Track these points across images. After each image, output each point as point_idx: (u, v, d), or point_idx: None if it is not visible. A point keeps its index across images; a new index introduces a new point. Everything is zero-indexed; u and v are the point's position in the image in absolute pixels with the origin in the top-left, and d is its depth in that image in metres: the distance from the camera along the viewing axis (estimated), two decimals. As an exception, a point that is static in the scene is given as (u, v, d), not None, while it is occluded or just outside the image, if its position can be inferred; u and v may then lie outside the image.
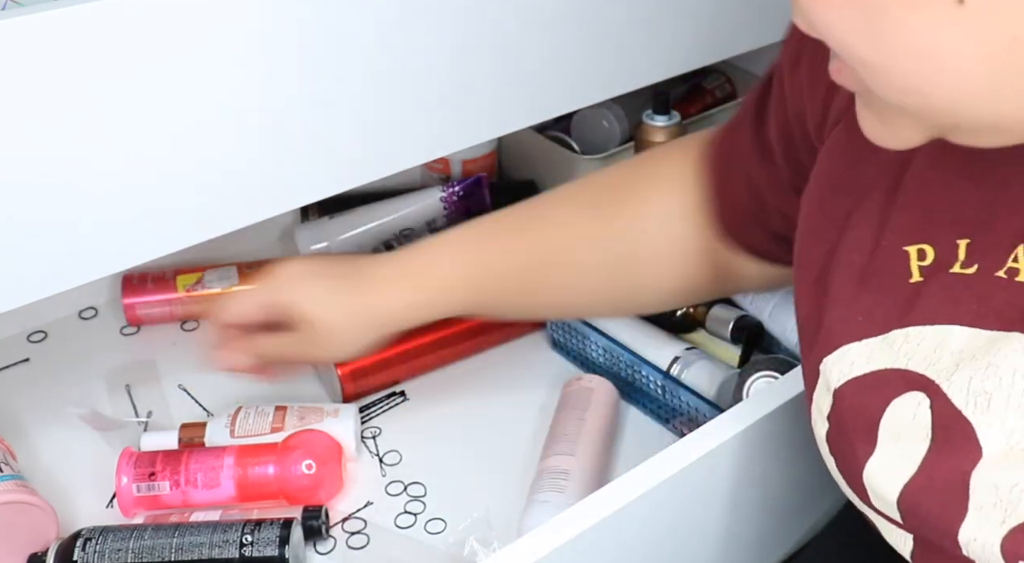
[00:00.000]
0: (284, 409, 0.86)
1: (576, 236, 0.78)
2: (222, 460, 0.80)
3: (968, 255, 0.51)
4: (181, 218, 0.75)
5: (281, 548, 0.74)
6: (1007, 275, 0.49)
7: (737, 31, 1.02)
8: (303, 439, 0.82)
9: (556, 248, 0.78)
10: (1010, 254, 0.49)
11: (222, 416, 0.86)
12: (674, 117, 1.03)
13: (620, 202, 0.78)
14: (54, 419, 0.90)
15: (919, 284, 0.52)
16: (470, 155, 1.14)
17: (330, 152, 0.79)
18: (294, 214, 1.11)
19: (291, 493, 0.80)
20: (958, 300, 0.50)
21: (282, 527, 0.75)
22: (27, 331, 1.00)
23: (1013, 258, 0.49)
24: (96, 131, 0.67)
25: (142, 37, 0.66)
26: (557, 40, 0.87)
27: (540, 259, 0.78)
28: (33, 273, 0.70)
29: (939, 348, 0.50)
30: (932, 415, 0.50)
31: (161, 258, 0.75)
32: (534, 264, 0.78)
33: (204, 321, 1.01)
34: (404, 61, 0.79)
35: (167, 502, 0.79)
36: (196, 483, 0.79)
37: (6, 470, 0.76)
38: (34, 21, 0.62)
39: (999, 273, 0.49)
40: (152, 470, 0.79)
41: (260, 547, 0.74)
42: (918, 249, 0.53)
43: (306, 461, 0.80)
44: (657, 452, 0.66)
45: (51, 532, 0.76)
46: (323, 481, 0.81)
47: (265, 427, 0.84)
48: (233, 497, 0.80)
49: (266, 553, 0.74)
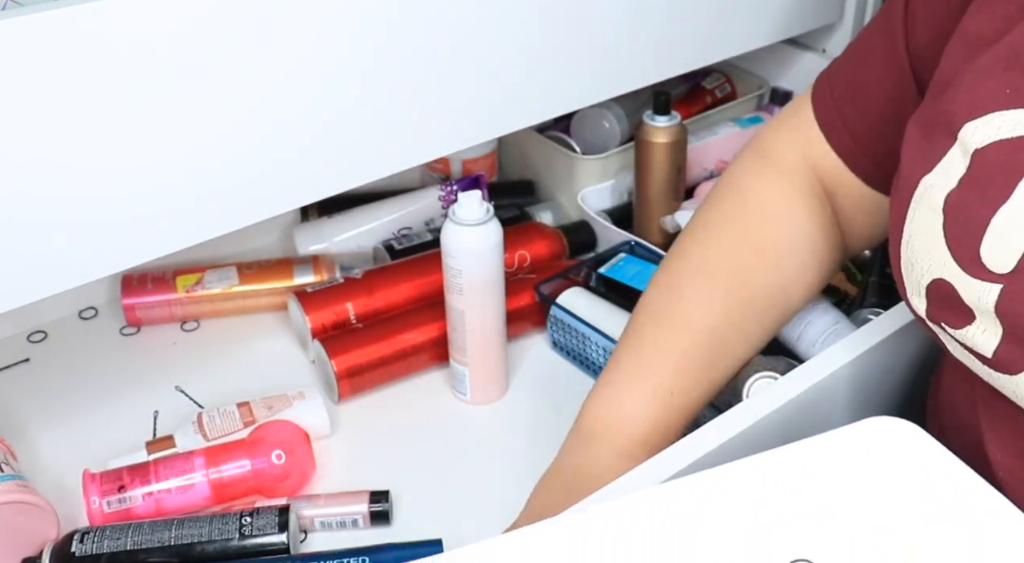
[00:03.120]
0: (247, 404, 0.87)
1: (729, 318, 0.76)
2: (192, 462, 0.80)
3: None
4: (181, 218, 0.75)
5: (281, 532, 0.75)
6: None
7: (737, 31, 1.02)
8: (269, 430, 0.83)
9: (720, 340, 0.75)
10: None
11: (187, 425, 0.86)
12: (674, 117, 1.03)
13: (750, 258, 0.76)
14: (54, 419, 0.90)
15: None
16: (470, 155, 1.14)
17: (330, 152, 0.79)
18: (294, 214, 1.11)
19: (265, 485, 0.81)
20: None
21: (280, 513, 0.76)
22: (27, 331, 1.00)
23: None
24: (96, 131, 0.67)
25: (142, 37, 0.66)
26: (557, 40, 0.87)
27: (710, 357, 0.75)
28: (33, 273, 0.70)
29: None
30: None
31: (161, 258, 0.75)
32: (709, 363, 0.75)
33: (204, 321, 1.01)
34: (404, 61, 0.79)
35: (140, 514, 0.79)
36: (169, 489, 0.79)
37: (6, 470, 0.76)
38: (34, 21, 0.62)
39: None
40: (120, 484, 0.79)
41: (259, 528, 0.75)
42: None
43: (276, 451, 0.81)
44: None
45: (51, 532, 0.76)
46: (294, 469, 0.82)
47: (237, 424, 0.85)
48: (208, 498, 0.80)
49: (266, 532, 0.75)
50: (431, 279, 0.97)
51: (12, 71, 0.62)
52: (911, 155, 0.61)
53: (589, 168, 1.10)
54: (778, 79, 1.22)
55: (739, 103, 1.20)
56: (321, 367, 0.93)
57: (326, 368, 0.91)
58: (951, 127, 0.57)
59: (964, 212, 0.55)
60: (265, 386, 0.92)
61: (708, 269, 0.76)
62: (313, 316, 0.94)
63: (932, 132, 0.60)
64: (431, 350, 0.94)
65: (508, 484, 0.83)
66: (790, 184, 0.77)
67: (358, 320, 0.95)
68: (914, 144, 0.62)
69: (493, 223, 0.86)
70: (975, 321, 0.55)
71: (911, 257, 0.59)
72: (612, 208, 1.11)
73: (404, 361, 0.93)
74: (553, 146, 1.12)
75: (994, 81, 0.57)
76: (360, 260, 1.07)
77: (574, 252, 1.07)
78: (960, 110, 0.57)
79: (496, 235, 0.86)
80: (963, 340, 0.56)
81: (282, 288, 1.01)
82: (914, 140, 0.62)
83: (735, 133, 1.15)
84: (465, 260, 0.86)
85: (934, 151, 0.58)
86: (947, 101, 0.59)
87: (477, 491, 0.84)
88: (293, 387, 0.90)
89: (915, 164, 0.60)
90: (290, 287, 1.00)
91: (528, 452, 0.86)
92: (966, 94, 0.58)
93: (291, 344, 0.99)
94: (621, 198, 1.12)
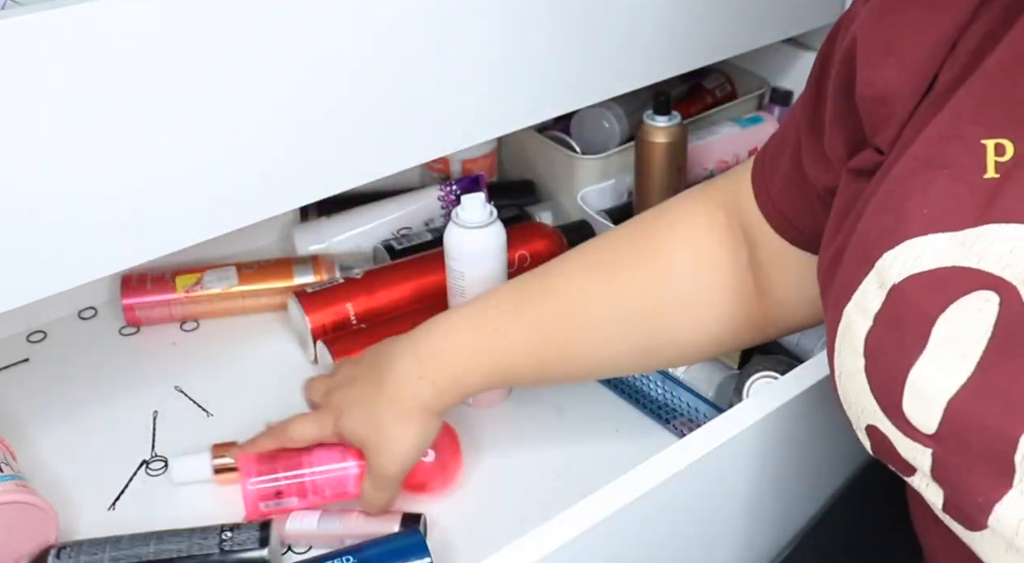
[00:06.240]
0: None
1: (593, 299, 0.75)
2: (347, 459, 0.79)
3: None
4: (180, 218, 0.75)
5: (261, 548, 0.74)
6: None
7: (737, 31, 1.02)
8: None
9: (573, 313, 0.75)
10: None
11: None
12: (674, 117, 1.03)
13: (640, 257, 0.75)
14: (53, 419, 0.90)
15: (995, 181, 0.49)
16: (470, 155, 1.14)
17: (330, 152, 0.79)
18: (293, 214, 1.11)
19: (415, 482, 0.81)
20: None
21: (260, 528, 0.75)
22: (27, 331, 1.00)
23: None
24: (95, 130, 0.67)
25: (141, 37, 0.66)
26: (557, 40, 0.87)
27: (557, 326, 0.75)
28: (32, 273, 0.70)
29: (1017, 249, 0.47)
30: (999, 315, 0.47)
31: (160, 258, 0.75)
32: (552, 333, 0.76)
33: (204, 321, 1.01)
34: (404, 60, 0.79)
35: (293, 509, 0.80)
36: (323, 494, 0.79)
37: (6, 470, 0.76)
38: (34, 21, 0.62)
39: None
40: (278, 489, 0.79)
41: (239, 543, 0.74)
42: (996, 143, 0.50)
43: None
44: (657, 453, 0.66)
45: (51, 532, 0.76)
46: (442, 466, 0.82)
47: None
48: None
49: (247, 547, 0.74)
50: (431, 279, 0.97)
51: (12, 71, 0.62)
52: (830, 270, 0.57)
53: (589, 168, 1.10)
54: (778, 79, 1.22)
55: (739, 103, 1.20)
56: (323, 368, 0.93)
57: (328, 369, 0.91)
58: (867, 255, 0.52)
59: (883, 360, 0.50)
60: (265, 386, 0.92)
61: (604, 266, 0.77)
62: (313, 316, 0.94)
63: (848, 254, 0.55)
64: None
65: (510, 486, 0.83)
66: (714, 219, 0.75)
67: (358, 320, 0.95)
68: (832, 261, 0.57)
69: (496, 226, 0.86)
70: (917, 474, 0.50)
71: (845, 395, 0.54)
72: (612, 208, 1.11)
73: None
74: (553, 146, 1.12)
75: (912, 198, 0.51)
76: (360, 260, 1.07)
77: (574, 252, 1.07)
78: (872, 237, 0.52)
79: (499, 238, 0.86)
80: (913, 485, 0.51)
81: (282, 288, 1.01)
82: (831, 256, 0.57)
83: (735, 133, 1.15)
84: (468, 262, 0.86)
85: (852, 275, 0.53)
86: (863, 224, 0.54)
87: (479, 492, 0.83)
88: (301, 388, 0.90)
89: (838, 285, 0.55)
90: (290, 287, 1.00)
91: (530, 455, 0.86)
92: (880, 217, 0.53)
93: (291, 344, 0.99)
94: (621, 198, 1.12)
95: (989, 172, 0.49)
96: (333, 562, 0.73)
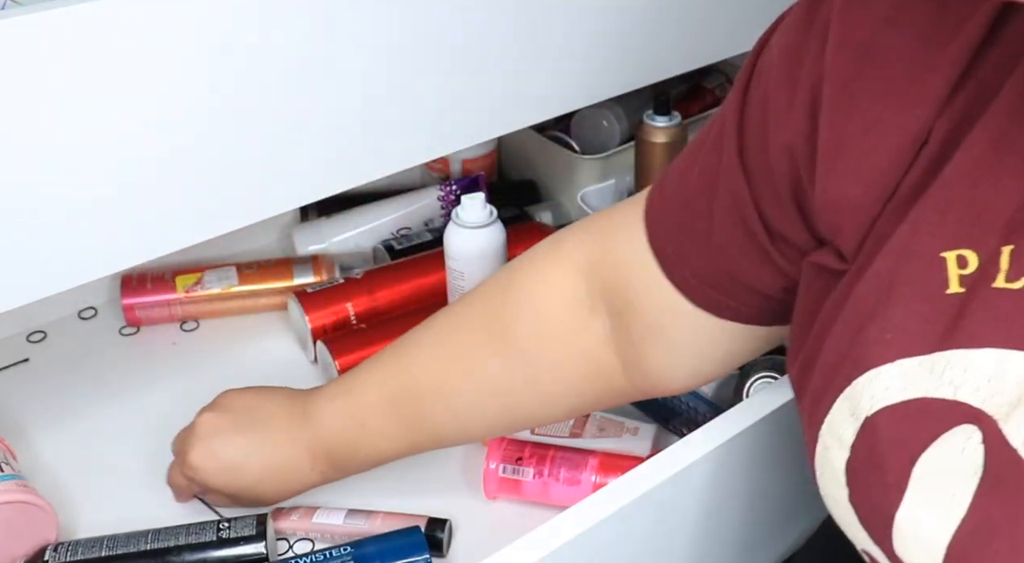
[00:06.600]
0: (586, 416, 0.85)
1: (453, 391, 0.74)
2: (587, 462, 0.80)
3: (1012, 264, 0.44)
4: (180, 218, 0.75)
5: (259, 541, 0.75)
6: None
7: (737, 31, 1.02)
8: None
9: (435, 403, 0.75)
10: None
11: None
12: (674, 117, 1.03)
13: (490, 340, 0.72)
14: (54, 419, 0.90)
15: (960, 296, 0.45)
16: (470, 155, 1.14)
17: (330, 152, 0.79)
18: (293, 214, 1.11)
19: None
20: (1010, 319, 0.44)
21: (257, 522, 0.76)
22: (26, 331, 1.00)
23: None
24: (95, 131, 0.67)
25: (141, 36, 0.66)
26: (557, 40, 0.87)
27: (421, 417, 0.75)
28: (32, 273, 0.69)
29: (994, 378, 0.44)
30: (985, 452, 0.44)
31: (160, 258, 0.75)
32: (417, 423, 0.76)
33: (204, 321, 1.01)
34: (404, 61, 0.79)
35: (526, 490, 0.80)
36: (558, 477, 0.79)
37: (6, 470, 0.76)
38: (33, 21, 0.62)
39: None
40: (520, 455, 0.80)
41: (236, 536, 0.75)
42: (957, 255, 0.46)
43: None
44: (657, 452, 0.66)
45: (51, 532, 0.76)
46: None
47: (564, 430, 0.84)
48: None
49: (242, 541, 0.75)
50: (431, 279, 0.97)
51: (11, 71, 0.62)
52: (800, 381, 0.53)
53: (589, 168, 1.10)
54: (778, 79, 1.22)
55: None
56: (323, 368, 0.93)
57: (329, 369, 0.91)
58: (834, 382, 0.49)
59: (867, 495, 0.47)
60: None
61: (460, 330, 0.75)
62: (313, 316, 0.94)
63: (817, 370, 0.51)
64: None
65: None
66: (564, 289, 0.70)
67: (358, 320, 0.95)
68: (801, 372, 0.53)
69: (496, 226, 0.86)
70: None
71: (834, 516, 0.51)
72: (612, 208, 1.11)
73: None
74: (553, 146, 1.12)
75: (875, 322, 0.47)
76: (360, 260, 1.07)
77: (574, 252, 1.07)
78: (838, 361, 0.49)
79: (499, 238, 0.86)
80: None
81: (282, 288, 1.01)
82: (799, 367, 0.53)
83: (735, 133, 1.15)
84: (467, 262, 0.86)
85: (822, 396, 0.50)
86: (829, 343, 0.50)
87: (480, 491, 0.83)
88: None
89: (810, 402, 0.51)
90: (290, 287, 1.00)
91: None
92: (844, 340, 0.49)
93: (291, 344, 0.99)
94: (621, 198, 1.12)
95: (952, 287, 0.46)
96: (331, 555, 0.73)
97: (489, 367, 0.73)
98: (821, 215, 0.53)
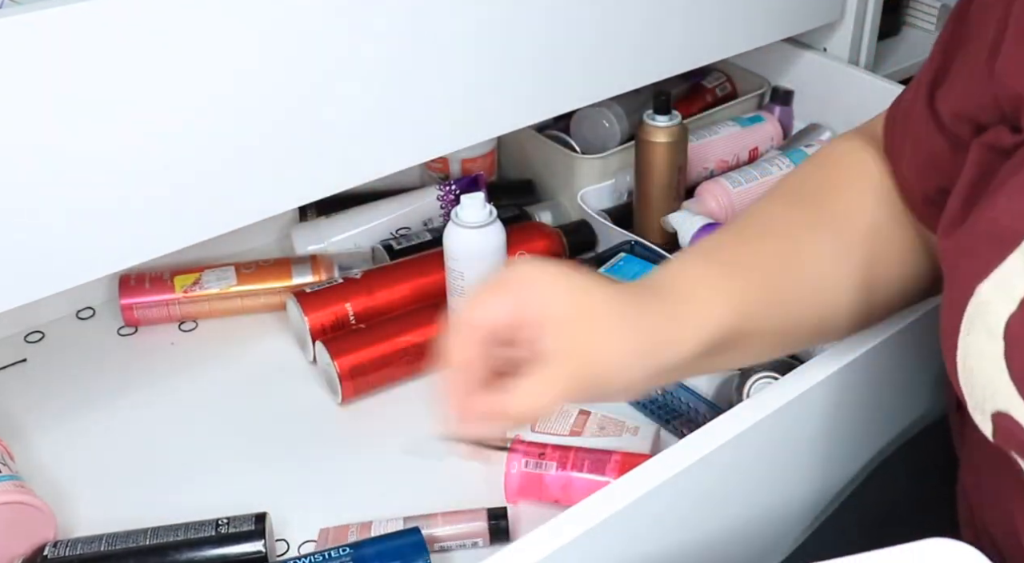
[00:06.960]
0: (587, 414, 0.85)
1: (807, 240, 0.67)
2: (609, 461, 0.80)
3: None
4: (179, 218, 0.74)
5: (257, 540, 0.74)
6: None
7: (737, 30, 1.02)
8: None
9: (793, 251, 0.66)
10: None
11: None
12: (674, 117, 1.03)
13: (834, 187, 0.69)
14: (51, 420, 0.90)
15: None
16: (470, 155, 1.14)
17: (330, 152, 0.79)
18: (292, 214, 1.11)
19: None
20: None
21: (256, 521, 0.76)
22: (24, 331, 1.00)
23: None
24: (94, 130, 0.67)
25: (141, 36, 0.66)
26: (557, 39, 0.87)
27: (784, 267, 0.65)
28: (30, 273, 0.69)
29: None
30: None
31: (159, 258, 0.75)
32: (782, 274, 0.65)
33: (202, 321, 1.01)
34: (403, 60, 0.79)
35: (548, 486, 0.80)
36: (582, 467, 0.79)
37: (4, 471, 0.76)
38: (33, 20, 0.62)
39: None
40: (542, 451, 0.80)
41: (235, 534, 0.75)
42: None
43: None
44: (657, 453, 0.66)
45: (49, 533, 0.76)
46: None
47: (564, 428, 0.84)
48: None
49: (242, 530, 0.75)
50: (431, 279, 0.96)
51: (10, 70, 0.62)
52: (957, 243, 0.53)
53: (589, 168, 1.10)
54: (778, 78, 1.22)
55: (739, 102, 1.20)
56: (322, 368, 0.93)
57: (328, 369, 0.91)
58: (1012, 234, 0.49)
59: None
60: (264, 387, 0.92)
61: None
62: (312, 316, 0.94)
63: (983, 229, 0.52)
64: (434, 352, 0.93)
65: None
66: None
67: (357, 320, 0.95)
68: (961, 233, 0.53)
69: (496, 226, 0.86)
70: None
71: (969, 378, 0.50)
72: (612, 208, 1.11)
73: (407, 361, 0.92)
74: (553, 146, 1.12)
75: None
76: (359, 260, 1.07)
77: (574, 252, 1.07)
78: (1017, 216, 0.49)
79: (499, 237, 0.86)
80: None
81: (280, 288, 1.01)
82: (958, 228, 0.54)
83: (735, 132, 1.15)
84: (467, 262, 0.86)
85: (987, 253, 0.50)
86: (1004, 201, 0.51)
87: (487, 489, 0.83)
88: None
89: (965, 262, 0.51)
90: (288, 287, 1.00)
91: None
92: (1017, 199, 0.49)
93: (290, 344, 0.99)
94: (621, 198, 1.11)
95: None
96: (330, 556, 0.73)
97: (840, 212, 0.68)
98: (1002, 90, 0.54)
